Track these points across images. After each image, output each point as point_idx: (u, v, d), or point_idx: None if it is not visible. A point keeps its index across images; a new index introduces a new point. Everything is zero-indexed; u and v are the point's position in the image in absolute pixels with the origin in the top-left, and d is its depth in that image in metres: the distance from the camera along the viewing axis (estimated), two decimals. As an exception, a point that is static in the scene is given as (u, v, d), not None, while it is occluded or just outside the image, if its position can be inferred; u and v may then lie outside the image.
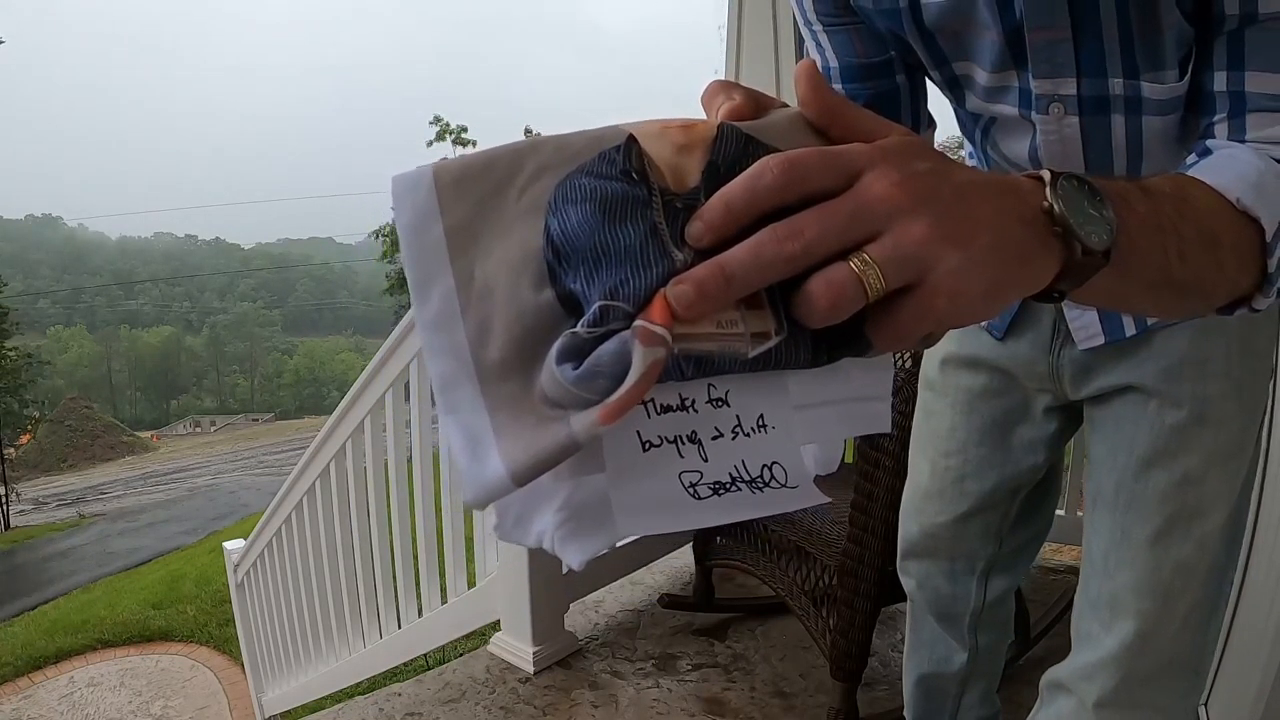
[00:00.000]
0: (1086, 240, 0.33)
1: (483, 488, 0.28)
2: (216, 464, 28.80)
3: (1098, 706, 0.78)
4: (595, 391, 0.27)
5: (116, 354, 70.91)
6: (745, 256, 0.28)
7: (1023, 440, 0.88)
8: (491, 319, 0.30)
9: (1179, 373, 0.72)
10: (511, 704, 1.58)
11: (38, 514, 20.58)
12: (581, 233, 0.29)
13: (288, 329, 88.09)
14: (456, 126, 16.92)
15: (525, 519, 0.32)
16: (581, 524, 0.31)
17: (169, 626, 6.42)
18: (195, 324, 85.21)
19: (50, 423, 34.31)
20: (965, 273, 0.29)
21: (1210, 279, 0.43)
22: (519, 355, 0.29)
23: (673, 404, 0.30)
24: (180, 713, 4.96)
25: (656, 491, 0.30)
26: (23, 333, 28.25)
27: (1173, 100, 0.57)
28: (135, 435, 40.46)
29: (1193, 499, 0.73)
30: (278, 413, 58.70)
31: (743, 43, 2.45)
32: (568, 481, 0.31)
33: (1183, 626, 0.75)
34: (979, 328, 0.85)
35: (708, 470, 0.30)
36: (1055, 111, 0.60)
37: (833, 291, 0.28)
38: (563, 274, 0.29)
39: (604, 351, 0.27)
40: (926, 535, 0.98)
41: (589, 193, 0.30)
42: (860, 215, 0.28)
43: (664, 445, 0.30)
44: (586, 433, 0.27)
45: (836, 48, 0.68)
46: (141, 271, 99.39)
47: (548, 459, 0.28)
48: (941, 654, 1.05)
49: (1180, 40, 0.55)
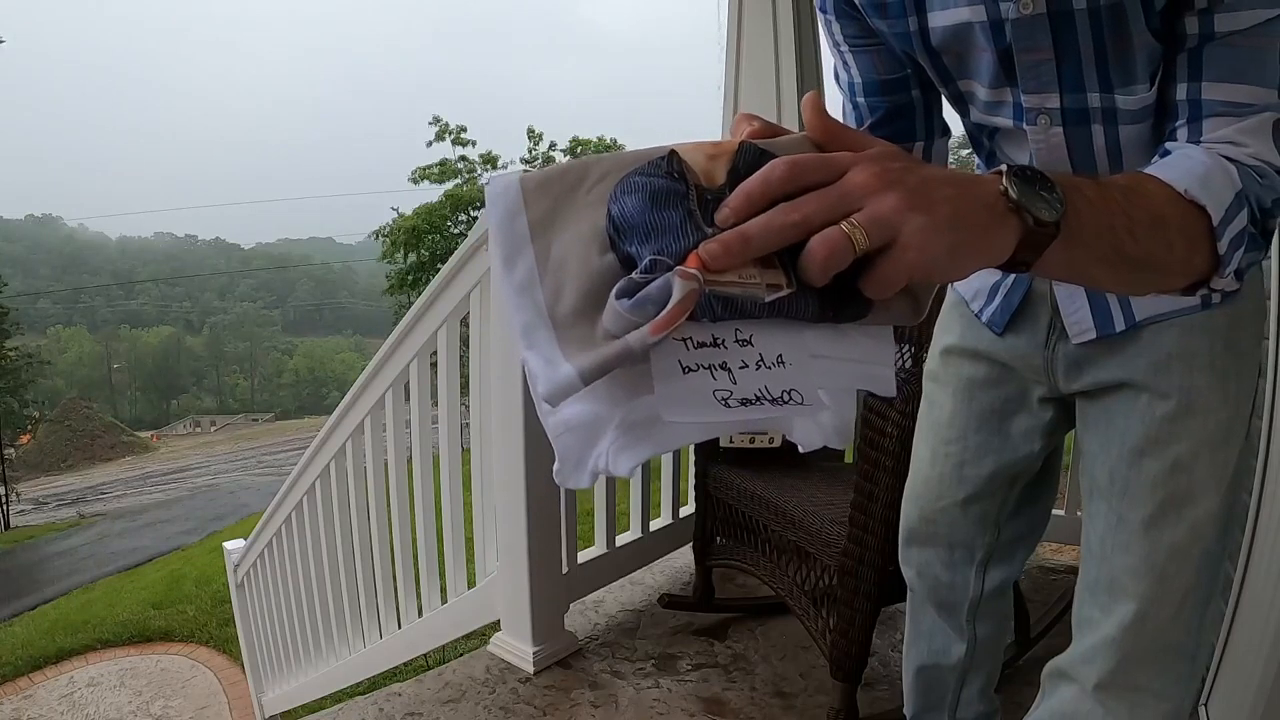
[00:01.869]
0: (1038, 213, 0.41)
1: (556, 385, 0.36)
2: (216, 464, 28.80)
3: (1097, 689, 0.81)
4: (644, 317, 0.35)
5: (116, 354, 70.86)
6: (760, 223, 0.37)
7: (1020, 428, 0.93)
8: (564, 282, 0.39)
9: (1167, 367, 0.76)
10: (511, 704, 1.58)
11: (38, 514, 20.59)
12: (635, 214, 0.38)
13: (288, 329, 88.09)
14: (456, 126, 16.88)
15: (583, 461, 0.39)
16: (633, 436, 0.39)
17: (169, 626, 6.42)
18: (195, 324, 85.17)
19: (50, 423, 34.30)
20: (929, 232, 0.37)
21: (1161, 256, 0.50)
22: (586, 305, 0.38)
23: (706, 341, 0.38)
24: (180, 713, 4.96)
25: (695, 402, 0.38)
26: (23, 333, 28.22)
27: (1144, 110, 0.65)
28: (135, 435, 40.44)
29: (1183, 484, 0.76)
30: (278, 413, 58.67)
31: (743, 43, 2.45)
32: (624, 405, 0.38)
33: (1179, 611, 0.78)
34: (980, 323, 0.91)
35: (736, 389, 0.38)
36: (1042, 123, 0.68)
37: (828, 245, 0.36)
38: (621, 243, 0.39)
39: (652, 288, 0.35)
40: (926, 521, 1.01)
41: (640, 186, 0.39)
42: (846, 196, 0.37)
43: (700, 370, 0.38)
44: (640, 342, 0.35)
45: (860, 66, 0.79)
46: (141, 271, 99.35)
47: (609, 362, 0.36)
48: (940, 645, 1.07)
49: (1150, 57, 0.62)
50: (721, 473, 1.77)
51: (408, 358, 1.86)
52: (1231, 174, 0.54)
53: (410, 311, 1.84)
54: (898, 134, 0.82)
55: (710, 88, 2.81)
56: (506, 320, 0.38)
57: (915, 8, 0.68)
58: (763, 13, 2.40)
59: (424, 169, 16.59)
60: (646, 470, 2.06)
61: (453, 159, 16.76)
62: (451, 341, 1.79)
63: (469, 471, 1.83)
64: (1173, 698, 0.80)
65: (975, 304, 0.93)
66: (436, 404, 1.85)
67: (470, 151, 16.82)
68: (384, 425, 2.03)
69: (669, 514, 2.22)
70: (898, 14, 0.70)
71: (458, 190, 16.10)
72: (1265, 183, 0.55)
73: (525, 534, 1.64)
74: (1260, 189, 0.55)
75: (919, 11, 0.68)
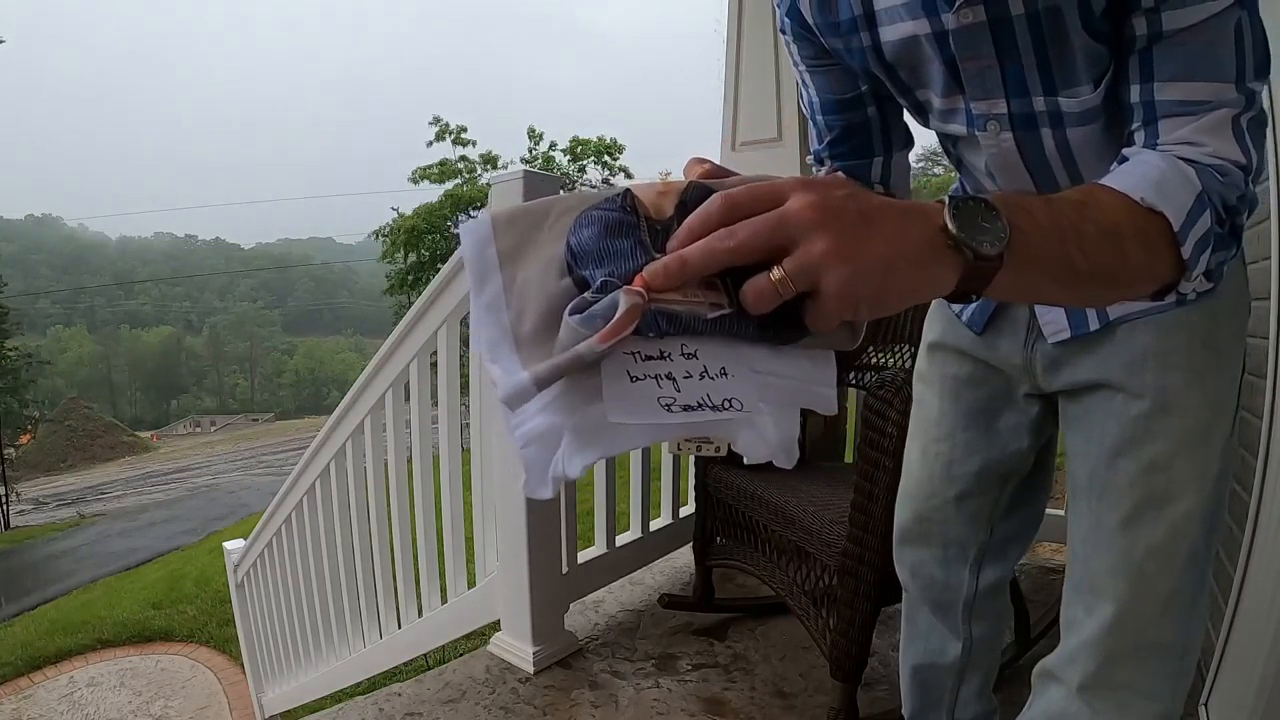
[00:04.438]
0: (979, 249, 0.41)
1: (513, 390, 0.40)
2: (216, 464, 28.79)
3: (1081, 689, 0.82)
4: (593, 330, 0.39)
5: (116, 354, 70.83)
6: (697, 248, 0.39)
7: (1008, 425, 0.93)
8: (526, 305, 0.43)
9: (1142, 366, 0.77)
10: (511, 704, 1.57)
11: (38, 514, 20.58)
12: (590, 242, 0.42)
13: (288, 329, 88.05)
14: (456, 127, 16.90)
15: (543, 472, 0.42)
16: (584, 439, 0.41)
17: (169, 626, 6.43)
18: (195, 324, 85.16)
19: (50, 423, 34.30)
20: (854, 280, 0.38)
21: (1115, 267, 0.50)
22: (545, 324, 0.42)
23: (654, 354, 0.41)
24: (180, 713, 4.96)
25: (641, 408, 0.41)
26: (23, 333, 28.20)
27: (1090, 111, 0.65)
28: (135, 435, 40.47)
29: (1160, 484, 0.76)
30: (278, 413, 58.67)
31: (742, 44, 2.45)
32: (577, 413, 0.41)
33: (1164, 611, 0.78)
34: (961, 322, 0.93)
35: (680, 397, 0.41)
36: (992, 128, 0.70)
37: (756, 293, 0.39)
38: (577, 268, 0.42)
39: (601, 304, 0.39)
40: (919, 520, 1.02)
41: (597, 219, 0.43)
42: (781, 224, 0.39)
43: (647, 379, 0.41)
44: (589, 350, 0.38)
45: (817, 86, 0.82)
46: (141, 271, 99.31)
47: (560, 368, 0.39)
48: (936, 645, 1.07)
49: (1091, 59, 0.62)
50: (721, 473, 1.77)
51: (408, 358, 1.86)
52: (1189, 176, 0.53)
53: (410, 311, 1.84)
54: (856, 150, 0.84)
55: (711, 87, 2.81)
56: (474, 339, 0.42)
57: (866, 24, 0.70)
58: (763, 12, 2.40)
59: (424, 169, 16.61)
60: (647, 470, 2.06)
61: (453, 159, 16.79)
62: (451, 341, 1.79)
63: (469, 471, 1.83)
64: (1162, 698, 0.80)
65: (956, 304, 0.91)
66: (436, 404, 1.85)
67: (470, 151, 16.85)
68: (384, 425, 2.03)
69: (669, 514, 2.22)
70: (850, 31, 0.72)
71: (458, 190, 16.11)
72: (1227, 180, 0.55)
73: (525, 534, 1.64)
74: (1223, 187, 0.54)
75: (870, 27, 0.70)
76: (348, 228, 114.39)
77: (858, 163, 0.85)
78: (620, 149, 17.37)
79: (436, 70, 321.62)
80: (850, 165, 0.85)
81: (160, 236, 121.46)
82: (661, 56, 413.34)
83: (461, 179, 16.53)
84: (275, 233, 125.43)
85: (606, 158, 17.24)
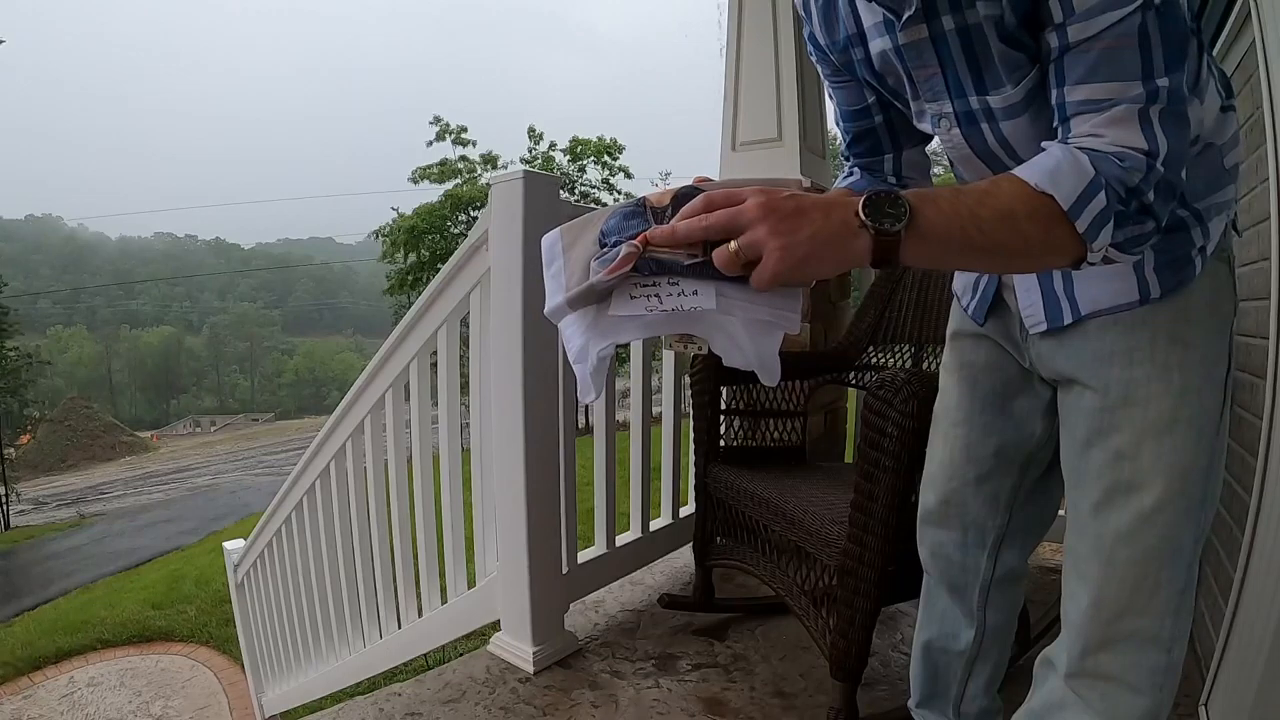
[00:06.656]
0: (882, 226, 0.58)
1: (554, 306, 0.65)
2: (216, 464, 28.80)
3: (1068, 677, 0.85)
4: (605, 268, 0.61)
5: (116, 354, 70.82)
6: (682, 224, 0.60)
7: (1022, 409, 0.99)
8: (574, 269, 0.66)
9: (1109, 361, 0.82)
10: (511, 704, 1.57)
11: (38, 514, 20.57)
12: (614, 225, 0.66)
13: (288, 329, 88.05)
14: (456, 126, 16.87)
15: (585, 380, 0.65)
16: (597, 334, 0.64)
17: (169, 626, 6.43)
18: (195, 324, 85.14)
19: (50, 423, 34.28)
20: (784, 251, 0.57)
21: (1012, 241, 0.62)
22: (582, 276, 0.64)
23: (647, 284, 0.62)
24: (180, 713, 4.96)
25: (633, 308, 0.62)
26: (23, 333, 28.15)
27: (1014, 107, 0.75)
28: (135, 435, 40.44)
29: (1127, 472, 0.80)
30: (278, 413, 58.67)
31: (742, 44, 2.45)
32: (595, 326, 0.64)
33: (1138, 598, 0.79)
34: (966, 314, 1.03)
35: (661, 304, 0.61)
36: (945, 125, 0.81)
37: (722, 259, 0.59)
38: (604, 240, 0.65)
39: (611, 253, 0.62)
40: (941, 502, 1.06)
41: (618, 212, 0.67)
42: (737, 216, 0.59)
43: (639, 298, 0.62)
44: (600, 280, 0.61)
45: (838, 99, 0.96)
46: (141, 271, 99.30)
47: (583, 292, 0.63)
48: (951, 628, 1.10)
49: (1010, 64, 0.72)
50: (721, 473, 1.77)
51: (408, 358, 1.86)
52: (1082, 162, 0.62)
53: (410, 311, 1.84)
54: (870, 150, 0.97)
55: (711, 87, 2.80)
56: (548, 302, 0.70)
57: (859, 40, 0.83)
58: (763, 12, 2.40)
59: (424, 169, 16.57)
60: (647, 470, 2.06)
61: (453, 159, 16.75)
62: (451, 341, 1.79)
63: (469, 471, 1.83)
64: (1147, 692, 0.81)
65: (964, 299, 1.01)
66: (436, 404, 1.85)
67: (470, 151, 16.82)
68: (384, 425, 2.03)
69: (669, 514, 2.22)
70: (847, 47, 0.85)
71: (458, 190, 16.08)
72: (1127, 164, 0.62)
73: (525, 534, 1.64)
74: (1122, 171, 0.62)
75: (862, 43, 0.83)
76: (348, 228, 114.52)
77: (872, 160, 0.97)
78: (620, 149, 17.34)
79: (437, 70, 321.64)
80: (867, 162, 0.97)
81: (160, 236, 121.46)
82: (661, 55, 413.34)
83: (461, 179, 16.49)
84: (275, 232, 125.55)
85: (606, 157, 17.21)
